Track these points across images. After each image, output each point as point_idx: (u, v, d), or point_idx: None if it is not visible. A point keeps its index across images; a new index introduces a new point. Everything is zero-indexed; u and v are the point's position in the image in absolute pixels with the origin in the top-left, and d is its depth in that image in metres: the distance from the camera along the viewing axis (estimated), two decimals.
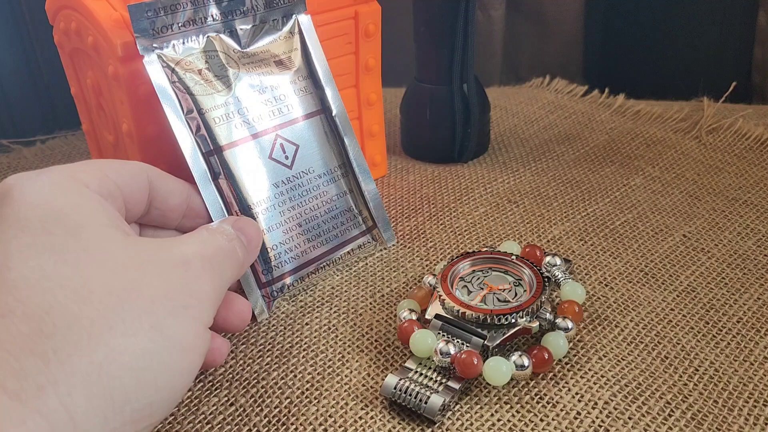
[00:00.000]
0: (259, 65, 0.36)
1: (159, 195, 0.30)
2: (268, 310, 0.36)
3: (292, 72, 0.37)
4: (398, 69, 0.61)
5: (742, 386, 0.30)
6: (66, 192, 0.25)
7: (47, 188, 0.25)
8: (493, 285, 0.34)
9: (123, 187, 0.28)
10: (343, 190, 0.39)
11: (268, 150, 0.36)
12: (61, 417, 0.21)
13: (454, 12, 0.46)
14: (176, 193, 0.31)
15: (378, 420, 0.29)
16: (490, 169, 0.50)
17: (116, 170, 0.28)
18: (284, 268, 0.36)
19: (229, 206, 0.34)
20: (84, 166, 0.27)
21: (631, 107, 0.59)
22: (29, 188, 0.25)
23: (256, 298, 0.35)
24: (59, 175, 0.26)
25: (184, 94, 0.34)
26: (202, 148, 0.34)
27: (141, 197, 0.30)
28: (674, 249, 0.40)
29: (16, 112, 0.66)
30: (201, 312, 0.26)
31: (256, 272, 0.35)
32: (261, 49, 0.37)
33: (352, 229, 0.39)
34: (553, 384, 0.31)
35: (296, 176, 0.37)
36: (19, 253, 0.23)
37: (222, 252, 0.28)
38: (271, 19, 0.37)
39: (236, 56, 0.36)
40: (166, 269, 0.25)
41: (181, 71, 0.34)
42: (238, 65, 0.36)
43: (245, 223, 0.31)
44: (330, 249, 0.38)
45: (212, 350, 0.29)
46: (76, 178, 0.26)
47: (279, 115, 0.36)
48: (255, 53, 0.36)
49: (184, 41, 0.34)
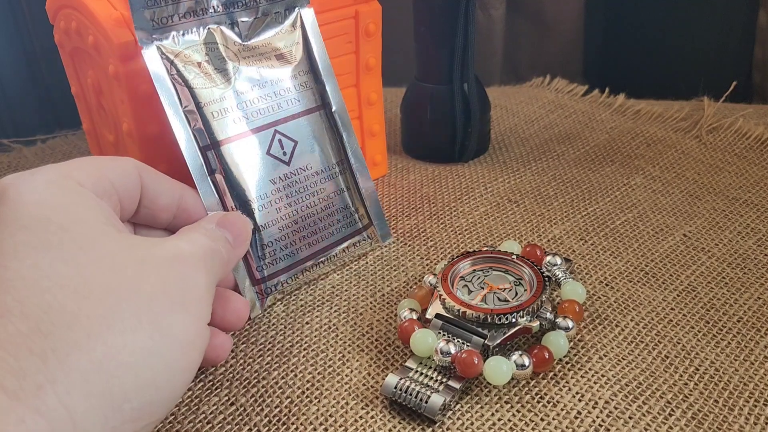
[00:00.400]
0: (259, 59, 0.36)
1: (148, 193, 0.30)
2: (261, 306, 0.36)
3: (293, 66, 0.37)
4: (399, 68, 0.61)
5: (743, 386, 0.30)
6: (61, 191, 0.25)
7: (43, 187, 0.25)
8: (494, 284, 0.34)
9: (117, 185, 0.28)
10: (340, 187, 0.38)
11: (266, 145, 0.36)
12: (60, 416, 0.21)
13: (454, 11, 0.46)
14: (166, 193, 0.31)
15: (378, 419, 0.29)
16: (491, 168, 0.50)
17: (110, 168, 0.28)
18: (279, 265, 0.36)
19: (225, 202, 0.34)
20: (79, 165, 0.27)
21: (632, 107, 0.59)
22: (25, 188, 0.25)
23: (250, 295, 0.35)
24: (54, 175, 0.26)
25: (182, 86, 0.34)
26: (198, 143, 0.34)
27: (134, 194, 0.29)
28: (675, 248, 0.40)
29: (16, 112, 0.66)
30: (199, 308, 0.26)
31: (250, 269, 0.35)
32: (262, 42, 0.36)
33: (348, 226, 0.39)
34: (554, 383, 0.31)
35: (294, 173, 0.36)
36: (16, 251, 0.23)
37: (207, 251, 0.28)
38: (273, 11, 0.36)
39: (236, 49, 0.35)
40: (163, 266, 0.25)
41: (180, 63, 0.34)
42: (238, 58, 0.35)
43: (232, 218, 0.31)
44: (325, 246, 0.38)
45: (214, 347, 0.29)
46: (71, 177, 0.26)
47: (278, 110, 0.36)
48: (256, 46, 0.36)
49: (184, 33, 0.34)
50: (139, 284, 0.24)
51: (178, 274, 0.26)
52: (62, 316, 0.22)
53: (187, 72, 0.34)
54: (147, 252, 0.25)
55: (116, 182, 0.28)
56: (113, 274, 0.24)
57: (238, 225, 0.31)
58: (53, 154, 0.57)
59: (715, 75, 0.78)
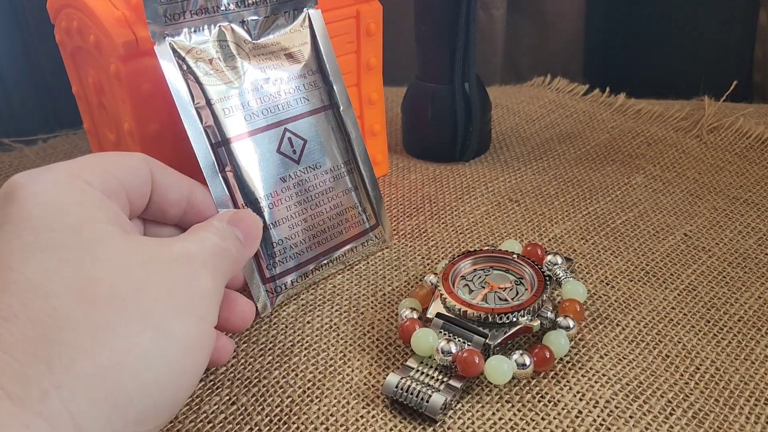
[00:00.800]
0: (269, 57, 0.36)
1: (158, 189, 0.30)
2: (272, 305, 0.36)
3: (302, 66, 0.37)
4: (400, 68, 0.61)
5: (743, 385, 0.30)
6: (69, 191, 0.25)
7: (50, 187, 0.25)
8: (495, 284, 0.34)
9: (126, 183, 0.28)
10: (348, 186, 0.39)
11: (276, 143, 0.36)
12: (64, 421, 0.21)
13: (455, 11, 0.46)
14: (175, 188, 0.31)
15: (379, 419, 0.29)
16: (492, 168, 0.50)
17: (119, 166, 0.28)
18: (288, 263, 0.36)
19: (236, 199, 0.34)
20: (87, 163, 0.27)
21: (632, 106, 0.59)
22: (34, 188, 0.25)
23: (260, 294, 0.35)
24: (63, 174, 0.26)
25: (194, 83, 0.34)
26: (210, 139, 0.34)
27: (144, 190, 0.29)
28: (675, 248, 0.40)
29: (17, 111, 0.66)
30: (206, 310, 0.26)
31: (260, 267, 0.35)
32: (272, 41, 0.36)
33: (356, 226, 0.39)
34: (555, 383, 0.31)
35: (303, 171, 0.37)
36: (22, 253, 0.23)
37: (217, 250, 0.28)
38: (282, 11, 0.37)
39: (247, 47, 0.36)
40: (169, 268, 0.25)
41: (191, 60, 0.34)
42: (249, 57, 0.35)
43: (243, 215, 0.31)
44: (334, 245, 0.38)
45: (217, 348, 0.29)
46: (79, 176, 0.26)
47: (288, 109, 0.36)
48: (266, 45, 0.36)
49: (195, 30, 0.34)
50: (145, 286, 0.24)
51: (185, 276, 0.25)
52: (68, 321, 0.22)
53: (198, 69, 0.34)
54: (154, 253, 0.25)
55: (125, 180, 0.28)
56: (118, 277, 0.24)
57: (249, 223, 0.31)
58: (54, 153, 0.58)
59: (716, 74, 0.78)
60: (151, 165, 0.30)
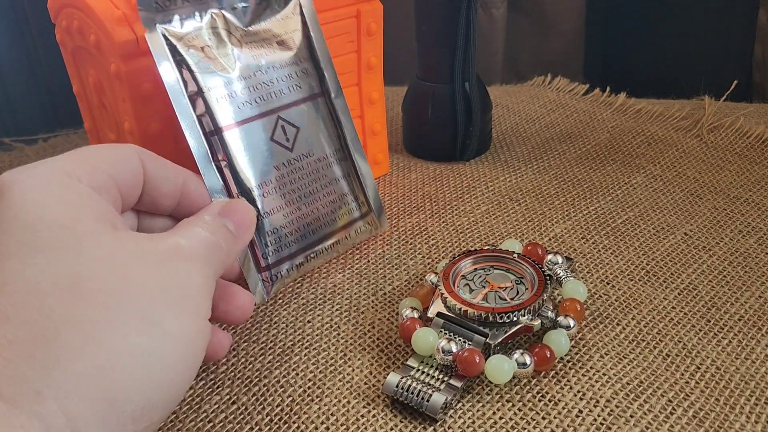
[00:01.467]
0: (261, 44, 0.36)
1: (150, 180, 0.30)
2: (268, 294, 0.36)
3: (294, 53, 0.37)
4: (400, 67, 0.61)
5: (744, 384, 0.30)
6: (58, 188, 0.25)
7: (39, 185, 0.25)
8: (495, 283, 0.34)
9: (116, 176, 0.28)
10: (341, 173, 0.38)
11: (269, 131, 0.35)
12: (59, 421, 0.21)
13: (455, 10, 0.46)
14: (168, 179, 0.30)
15: (380, 418, 0.29)
16: (492, 167, 0.50)
17: (108, 159, 0.28)
18: (283, 252, 0.36)
19: (230, 188, 0.34)
20: (76, 158, 0.27)
21: (632, 106, 0.59)
22: (21, 186, 0.24)
23: (256, 283, 0.35)
24: (51, 171, 0.25)
25: (186, 71, 0.33)
26: (203, 128, 0.33)
27: (135, 182, 0.29)
28: (675, 247, 0.40)
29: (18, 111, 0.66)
30: (198, 305, 0.26)
31: (256, 256, 0.35)
32: (263, 28, 0.36)
33: (349, 213, 0.39)
34: (555, 382, 0.31)
35: (297, 159, 0.36)
36: (15, 252, 0.23)
37: (207, 244, 0.27)
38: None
39: (239, 35, 0.35)
40: (160, 264, 0.25)
41: (183, 48, 0.33)
42: (241, 44, 0.35)
43: (235, 205, 0.30)
44: (328, 233, 0.38)
45: (213, 343, 0.29)
46: (68, 173, 0.26)
47: (281, 96, 0.36)
48: (257, 32, 0.36)
49: (187, 17, 0.34)
50: (136, 283, 0.24)
51: (176, 272, 0.25)
52: (60, 321, 0.22)
53: (190, 56, 0.33)
54: (144, 249, 0.25)
55: (115, 173, 0.28)
56: (110, 274, 0.23)
57: (242, 213, 0.30)
58: (54, 152, 0.57)
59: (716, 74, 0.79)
60: (142, 156, 0.29)
